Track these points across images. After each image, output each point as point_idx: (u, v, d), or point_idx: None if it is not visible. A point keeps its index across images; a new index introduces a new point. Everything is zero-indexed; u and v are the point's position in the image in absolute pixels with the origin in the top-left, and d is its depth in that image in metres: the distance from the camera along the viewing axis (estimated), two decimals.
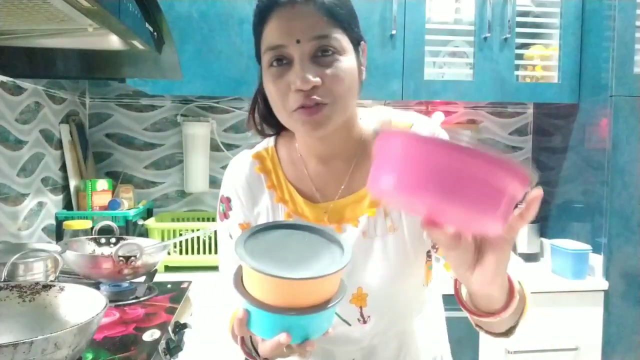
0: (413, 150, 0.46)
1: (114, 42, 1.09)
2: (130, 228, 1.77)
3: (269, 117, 0.81)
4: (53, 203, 1.75)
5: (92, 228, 1.55)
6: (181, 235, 1.66)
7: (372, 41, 1.78)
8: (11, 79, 1.46)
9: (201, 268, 1.73)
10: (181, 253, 1.76)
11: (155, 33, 1.14)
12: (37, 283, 0.92)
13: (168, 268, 1.76)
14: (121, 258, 1.24)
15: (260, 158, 0.85)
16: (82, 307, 0.86)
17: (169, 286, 1.40)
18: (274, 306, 0.58)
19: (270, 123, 0.84)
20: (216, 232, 0.90)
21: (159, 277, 1.53)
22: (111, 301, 1.18)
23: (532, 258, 1.99)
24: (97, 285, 1.29)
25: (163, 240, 1.68)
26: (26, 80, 1.54)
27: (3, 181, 1.43)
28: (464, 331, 0.98)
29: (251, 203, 0.84)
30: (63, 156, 1.82)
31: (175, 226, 1.79)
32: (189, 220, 2.05)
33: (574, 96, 1.88)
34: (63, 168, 1.82)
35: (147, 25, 1.09)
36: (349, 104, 0.72)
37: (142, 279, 1.41)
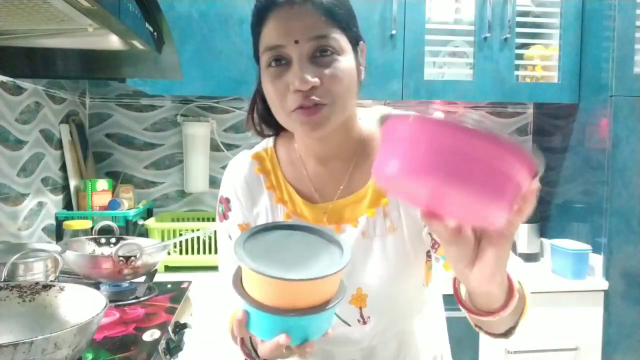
0: (419, 132, 0.45)
1: (114, 42, 1.09)
2: (130, 228, 1.77)
3: (268, 118, 0.80)
4: (53, 203, 1.75)
5: (92, 228, 1.55)
6: (181, 235, 1.66)
7: (372, 41, 1.77)
8: (11, 79, 1.46)
9: (201, 268, 1.73)
10: (181, 253, 1.76)
11: (155, 33, 1.14)
12: (37, 283, 0.92)
13: (168, 268, 1.76)
14: (121, 258, 1.24)
15: (259, 159, 0.85)
16: (82, 307, 0.86)
17: (169, 286, 1.40)
18: (273, 307, 0.58)
19: (269, 123, 0.84)
20: (216, 232, 0.90)
21: (159, 277, 1.53)
22: (111, 301, 1.18)
23: (532, 258, 1.99)
24: (97, 285, 1.29)
25: (163, 240, 1.68)
26: (26, 80, 1.54)
27: (3, 181, 1.43)
28: (464, 331, 0.98)
29: (250, 204, 0.84)
30: (63, 156, 1.82)
31: (175, 226, 1.79)
32: (189, 220, 2.05)
33: (574, 96, 1.88)
34: (63, 168, 1.82)
35: (147, 25, 1.09)
36: (348, 104, 0.72)
37: (142, 279, 1.41)
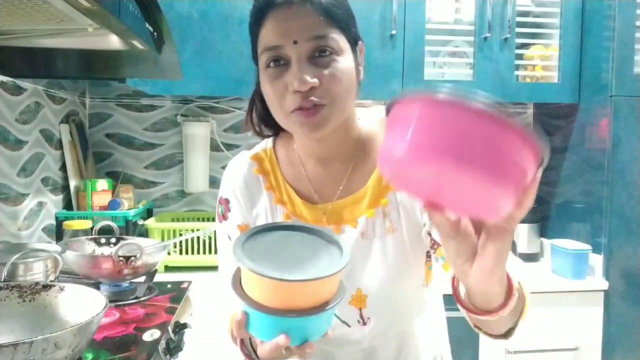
0: (426, 113, 0.44)
1: (114, 42, 1.10)
2: (130, 228, 1.77)
3: (267, 118, 0.80)
4: (53, 203, 1.75)
5: (92, 228, 1.55)
6: (181, 235, 1.66)
7: (372, 41, 1.77)
8: (11, 79, 1.46)
9: (201, 268, 1.73)
10: (181, 253, 1.76)
11: (155, 33, 1.14)
12: (37, 283, 0.92)
13: (168, 268, 1.76)
14: (121, 258, 1.25)
15: (258, 159, 0.85)
16: (82, 307, 0.86)
17: (169, 286, 1.40)
18: (273, 308, 0.58)
19: (268, 124, 0.83)
20: (216, 233, 0.90)
21: (159, 277, 1.53)
22: (111, 301, 1.18)
23: (532, 258, 1.99)
24: (97, 285, 1.29)
25: (163, 240, 1.68)
26: (26, 80, 1.54)
27: (3, 181, 1.43)
28: (464, 331, 0.97)
29: (249, 204, 0.84)
30: (63, 156, 1.82)
31: (175, 226, 1.79)
32: (189, 220, 2.05)
33: (574, 96, 1.88)
34: (63, 168, 1.82)
35: (147, 25, 1.09)
36: (347, 105, 0.72)
37: (142, 279, 1.42)
